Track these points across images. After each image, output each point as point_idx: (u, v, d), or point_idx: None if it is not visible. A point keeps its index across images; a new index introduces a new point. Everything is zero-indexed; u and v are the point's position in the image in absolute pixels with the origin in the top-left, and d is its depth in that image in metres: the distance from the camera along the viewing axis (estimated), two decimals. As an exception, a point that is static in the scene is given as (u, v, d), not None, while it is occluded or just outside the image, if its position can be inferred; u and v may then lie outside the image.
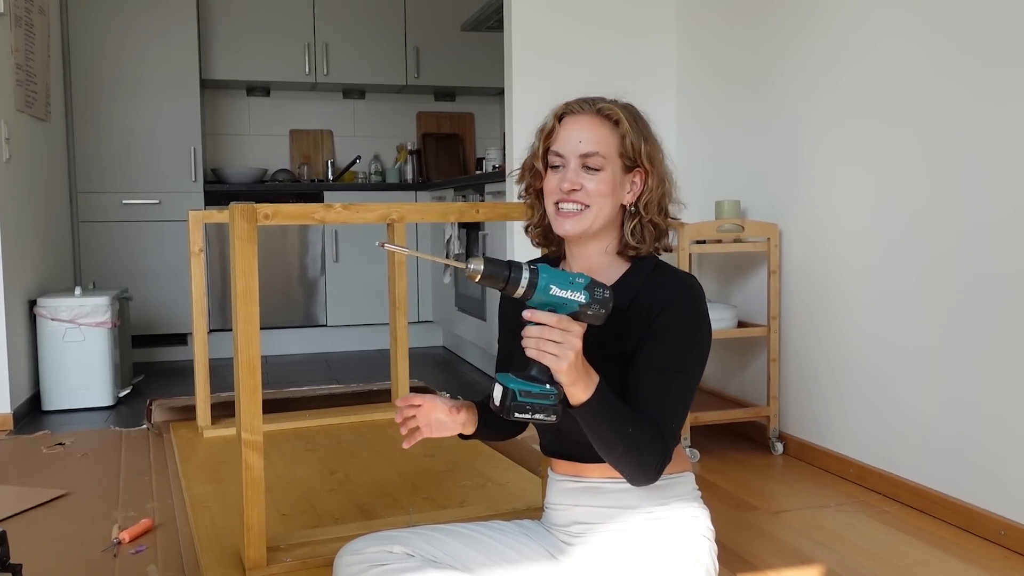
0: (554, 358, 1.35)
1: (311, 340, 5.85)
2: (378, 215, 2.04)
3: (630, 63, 3.86)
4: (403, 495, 2.63)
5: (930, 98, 2.54)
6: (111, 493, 2.78)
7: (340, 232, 5.75)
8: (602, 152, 1.56)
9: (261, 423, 1.96)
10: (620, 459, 1.46)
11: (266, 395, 3.66)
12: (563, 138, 1.59)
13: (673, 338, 1.52)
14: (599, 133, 1.57)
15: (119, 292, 4.49)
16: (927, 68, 2.55)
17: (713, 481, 2.86)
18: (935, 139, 2.53)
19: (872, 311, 2.79)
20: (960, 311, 2.46)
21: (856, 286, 2.86)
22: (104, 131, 5.30)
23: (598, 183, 1.56)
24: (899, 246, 2.67)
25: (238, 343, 1.92)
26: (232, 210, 1.90)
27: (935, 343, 2.55)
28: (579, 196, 1.56)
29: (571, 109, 1.61)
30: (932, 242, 2.55)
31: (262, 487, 1.98)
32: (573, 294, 1.37)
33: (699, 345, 1.55)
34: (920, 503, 2.60)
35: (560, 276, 1.38)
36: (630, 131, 1.58)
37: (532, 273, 1.36)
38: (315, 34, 5.92)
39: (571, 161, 1.57)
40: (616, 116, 1.58)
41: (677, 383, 1.52)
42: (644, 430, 1.45)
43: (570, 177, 1.56)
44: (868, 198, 2.80)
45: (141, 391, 4.54)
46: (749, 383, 3.44)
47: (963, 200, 2.44)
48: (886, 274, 2.73)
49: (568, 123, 1.59)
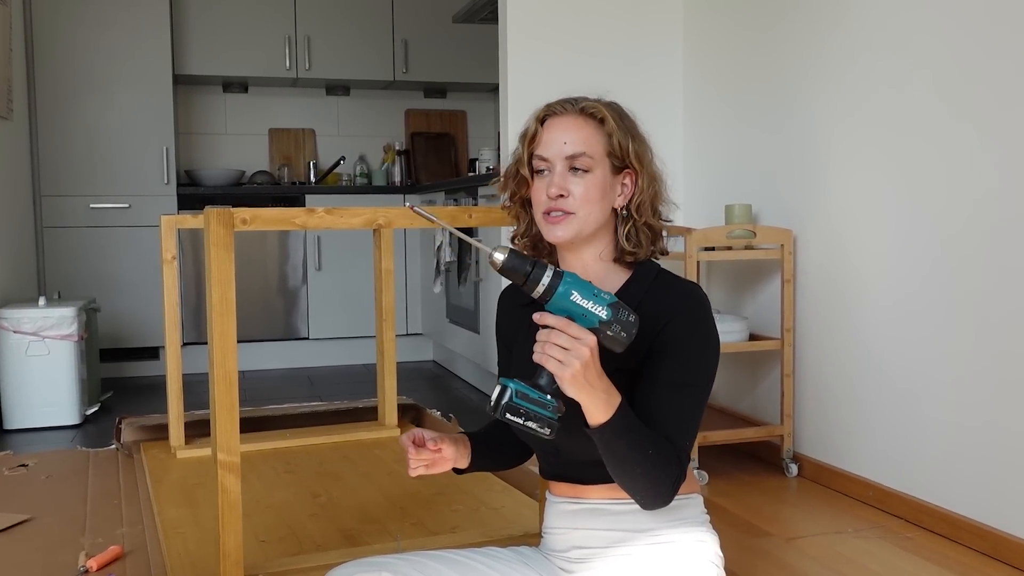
0: (558, 364, 1.35)
1: (292, 354, 5.85)
2: (364, 220, 2.04)
3: (634, 58, 3.87)
4: (390, 520, 2.63)
5: (952, 101, 2.56)
6: (78, 518, 2.77)
7: (323, 238, 5.76)
8: (589, 152, 1.57)
9: (238, 443, 1.96)
10: (637, 482, 1.47)
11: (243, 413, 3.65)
12: (547, 141, 1.59)
13: (681, 351, 1.53)
14: (584, 133, 1.58)
15: (86, 303, 4.48)
16: (951, 70, 2.56)
17: (723, 505, 2.86)
18: (957, 142, 2.54)
19: (893, 323, 2.80)
20: (987, 323, 2.47)
21: (876, 295, 2.87)
22: (70, 130, 5.30)
23: (587, 186, 1.56)
24: (921, 254, 2.68)
25: (214, 357, 1.92)
26: (207, 215, 1.90)
27: (961, 357, 2.56)
28: (566, 204, 1.56)
29: (553, 110, 1.61)
30: (955, 250, 2.56)
31: (239, 512, 1.97)
32: (595, 307, 1.36)
33: (708, 357, 1.56)
34: (945, 529, 2.60)
35: (585, 286, 1.37)
36: (616, 130, 1.59)
37: (555, 275, 1.36)
38: (296, 26, 5.94)
39: (557, 164, 1.57)
40: (601, 114, 1.59)
41: (688, 398, 1.53)
42: (662, 451, 1.46)
43: (557, 181, 1.56)
44: (888, 202, 2.81)
45: (110, 409, 4.54)
46: (761, 400, 3.45)
47: (985, 204, 2.45)
48: (907, 283, 2.74)
49: (551, 125, 1.59)
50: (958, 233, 2.55)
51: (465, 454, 1.71)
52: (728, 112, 3.64)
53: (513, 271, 1.36)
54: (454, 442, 1.69)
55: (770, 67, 3.37)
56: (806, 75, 3.17)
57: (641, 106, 1.71)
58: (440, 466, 1.67)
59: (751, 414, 3.49)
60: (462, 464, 1.71)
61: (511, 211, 1.73)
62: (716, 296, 3.70)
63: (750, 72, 3.50)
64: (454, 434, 1.72)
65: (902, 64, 2.74)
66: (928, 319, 2.66)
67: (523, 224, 1.72)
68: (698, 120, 3.86)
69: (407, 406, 3.96)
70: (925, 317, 2.67)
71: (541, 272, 1.36)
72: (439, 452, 1.65)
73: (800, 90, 3.21)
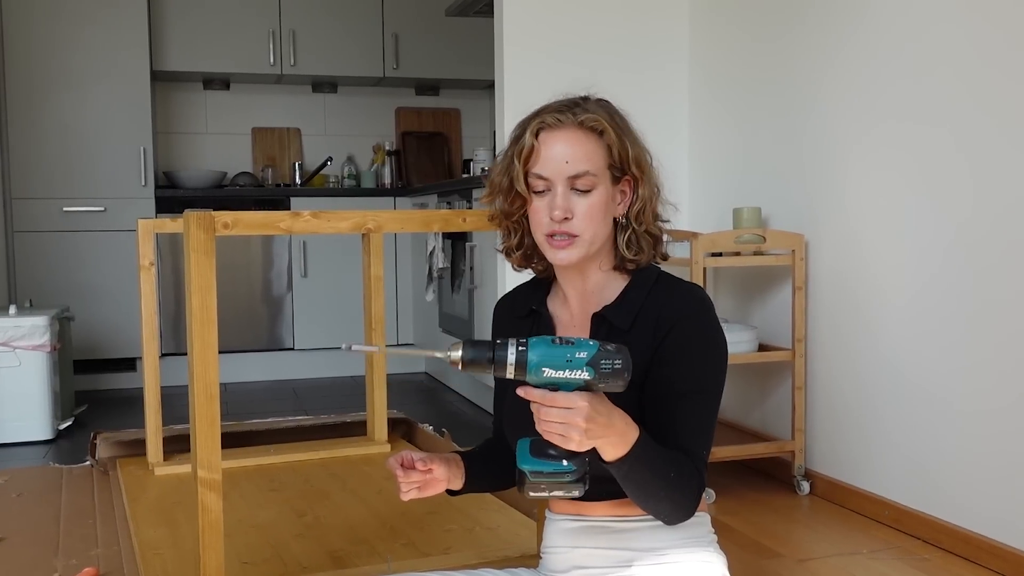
0: (560, 437, 1.35)
1: (276, 365, 5.84)
2: (352, 224, 2.04)
3: (636, 54, 3.87)
4: (380, 541, 2.63)
5: (976, 95, 2.56)
6: (50, 538, 2.77)
7: (309, 244, 5.76)
8: (592, 170, 1.56)
9: (220, 459, 1.96)
10: (660, 505, 1.49)
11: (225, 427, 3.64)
12: (546, 158, 1.57)
13: (688, 358, 1.54)
14: (586, 149, 1.56)
15: (59, 311, 4.48)
16: (974, 62, 2.57)
17: (730, 524, 2.87)
18: (981, 141, 2.55)
19: (911, 333, 2.80)
20: (1012, 335, 2.47)
21: (893, 304, 2.87)
22: (42, 129, 5.30)
23: (591, 206, 1.56)
24: (942, 259, 2.69)
25: (194, 369, 1.92)
26: (187, 218, 1.90)
27: (983, 370, 2.56)
28: (571, 226, 1.55)
29: (547, 123, 1.58)
30: (978, 256, 2.56)
31: (220, 532, 1.97)
32: (572, 373, 1.33)
33: (717, 360, 1.58)
34: (964, 549, 2.60)
35: (555, 353, 1.33)
36: (616, 140, 1.58)
37: (519, 352, 1.33)
38: (281, 19, 5.94)
39: (558, 185, 1.56)
40: (600, 126, 1.57)
41: (700, 406, 1.55)
42: (683, 469, 1.48)
43: (560, 204, 1.55)
44: (906, 205, 2.81)
45: (84, 423, 4.53)
46: (771, 414, 3.45)
47: (1013, 207, 2.45)
48: (927, 291, 2.74)
49: (548, 140, 1.57)
50: (982, 238, 2.56)
51: (459, 474, 1.70)
52: (736, 110, 3.65)
53: (475, 363, 1.34)
54: (446, 462, 1.68)
55: (780, 63, 3.38)
56: (818, 70, 3.18)
57: (644, 104, 1.72)
58: (432, 488, 1.66)
59: (760, 429, 3.50)
60: (456, 485, 1.70)
61: (501, 224, 1.72)
62: (724, 304, 3.70)
63: (759, 68, 3.50)
64: (446, 453, 1.71)
65: (921, 56, 2.75)
66: (949, 329, 2.67)
67: (515, 237, 1.70)
68: (704, 118, 3.86)
69: (398, 420, 3.96)
70: (946, 327, 2.68)
71: (504, 353, 1.33)
72: (430, 472, 1.64)
73: (812, 86, 3.21)
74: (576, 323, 1.66)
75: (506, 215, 1.66)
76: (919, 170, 2.76)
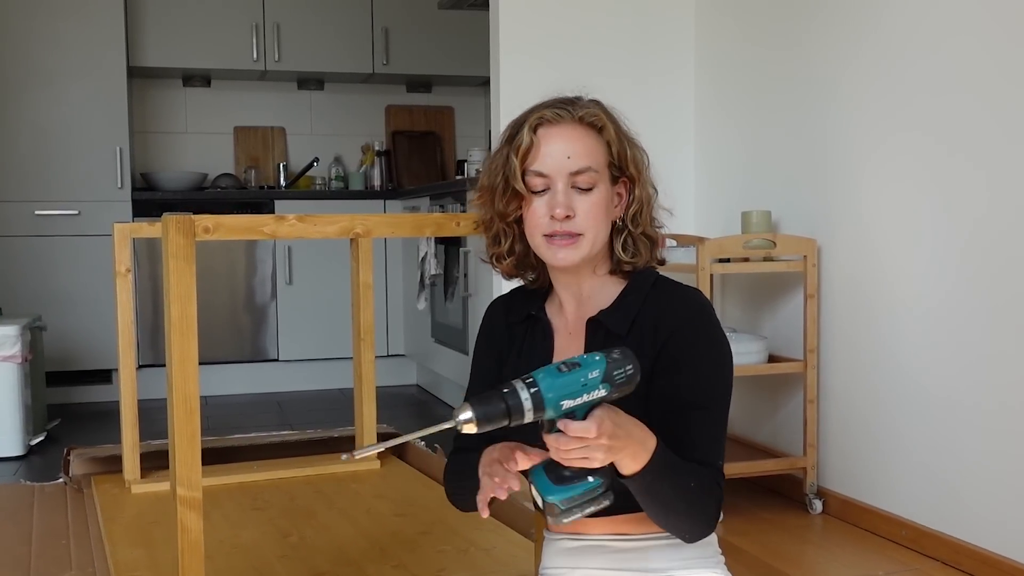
0: (586, 460, 1.36)
1: (260, 377, 5.84)
2: (339, 228, 2.04)
3: (640, 50, 3.88)
4: (369, 563, 2.63)
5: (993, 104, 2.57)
6: (21, 560, 2.77)
7: (294, 249, 5.76)
8: (594, 166, 1.58)
9: (200, 476, 1.96)
10: (681, 520, 1.50)
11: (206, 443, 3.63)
12: (545, 154, 1.57)
13: (692, 365, 1.55)
14: (587, 144, 1.58)
15: (31, 320, 4.48)
16: (991, 72, 2.58)
17: (739, 545, 2.87)
18: (998, 148, 2.56)
19: (929, 344, 2.81)
20: (1030, 342, 2.48)
21: (910, 313, 2.88)
22: (13, 128, 5.31)
23: (593, 204, 1.57)
24: (960, 268, 2.69)
25: (173, 381, 1.92)
26: (165, 223, 1.91)
27: (1003, 383, 2.57)
28: (573, 225, 1.56)
29: (547, 118, 1.59)
30: (997, 265, 2.57)
31: (201, 553, 1.97)
32: (590, 395, 1.35)
33: (724, 368, 1.59)
34: (987, 572, 2.60)
35: (568, 382, 1.34)
36: (615, 137, 1.60)
37: (533, 394, 1.33)
38: (264, 13, 5.95)
39: (559, 182, 1.57)
40: (600, 122, 1.59)
41: (711, 415, 1.56)
42: (703, 481, 1.49)
43: (562, 201, 1.56)
44: (923, 209, 2.82)
45: (57, 438, 4.53)
46: (782, 429, 3.45)
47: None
48: (945, 301, 2.75)
49: (548, 136, 1.58)
50: (1000, 247, 2.57)
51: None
52: (746, 109, 3.66)
53: (490, 419, 1.33)
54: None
55: (792, 62, 3.39)
56: (833, 73, 3.19)
57: (649, 103, 1.73)
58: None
59: (770, 444, 3.50)
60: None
61: (492, 228, 1.71)
62: (731, 312, 3.71)
63: (770, 67, 3.51)
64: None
65: (939, 62, 2.75)
66: (969, 340, 2.67)
67: (507, 242, 1.70)
68: (712, 119, 3.87)
69: (388, 435, 3.96)
70: (966, 337, 2.68)
71: (518, 400, 1.33)
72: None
73: (826, 89, 3.22)
74: (572, 329, 1.67)
75: (500, 216, 1.66)
76: (935, 172, 2.76)
